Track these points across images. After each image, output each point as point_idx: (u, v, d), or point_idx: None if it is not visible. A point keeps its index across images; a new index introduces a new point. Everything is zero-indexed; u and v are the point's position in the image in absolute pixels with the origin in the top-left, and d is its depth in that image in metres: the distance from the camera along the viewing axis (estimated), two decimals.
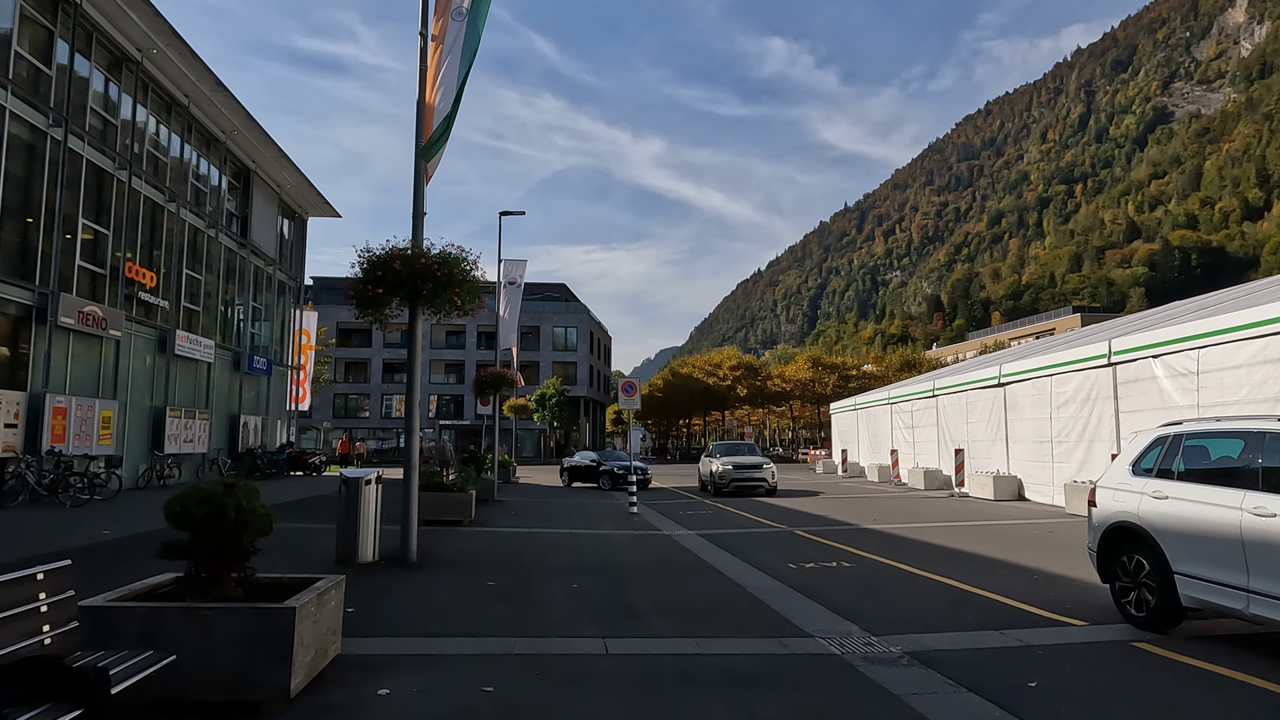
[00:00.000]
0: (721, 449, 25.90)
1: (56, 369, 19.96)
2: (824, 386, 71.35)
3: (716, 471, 23.73)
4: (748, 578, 9.58)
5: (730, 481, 23.24)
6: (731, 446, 26.34)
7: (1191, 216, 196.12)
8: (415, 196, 10.84)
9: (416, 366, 10.64)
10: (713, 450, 26.17)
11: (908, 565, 10.39)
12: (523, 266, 28.82)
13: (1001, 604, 7.88)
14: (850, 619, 7.28)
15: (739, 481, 23.28)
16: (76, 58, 20.91)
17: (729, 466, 23.46)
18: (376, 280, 9.89)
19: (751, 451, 25.67)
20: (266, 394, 34.15)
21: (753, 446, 26.86)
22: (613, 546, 12.47)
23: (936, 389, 25.90)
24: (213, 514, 4.65)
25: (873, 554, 11.50)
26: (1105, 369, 16.76)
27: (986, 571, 9.83)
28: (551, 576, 9.47)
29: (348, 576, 9.15)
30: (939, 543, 12.73)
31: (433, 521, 14.74)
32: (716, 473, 23.72)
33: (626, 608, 7.73)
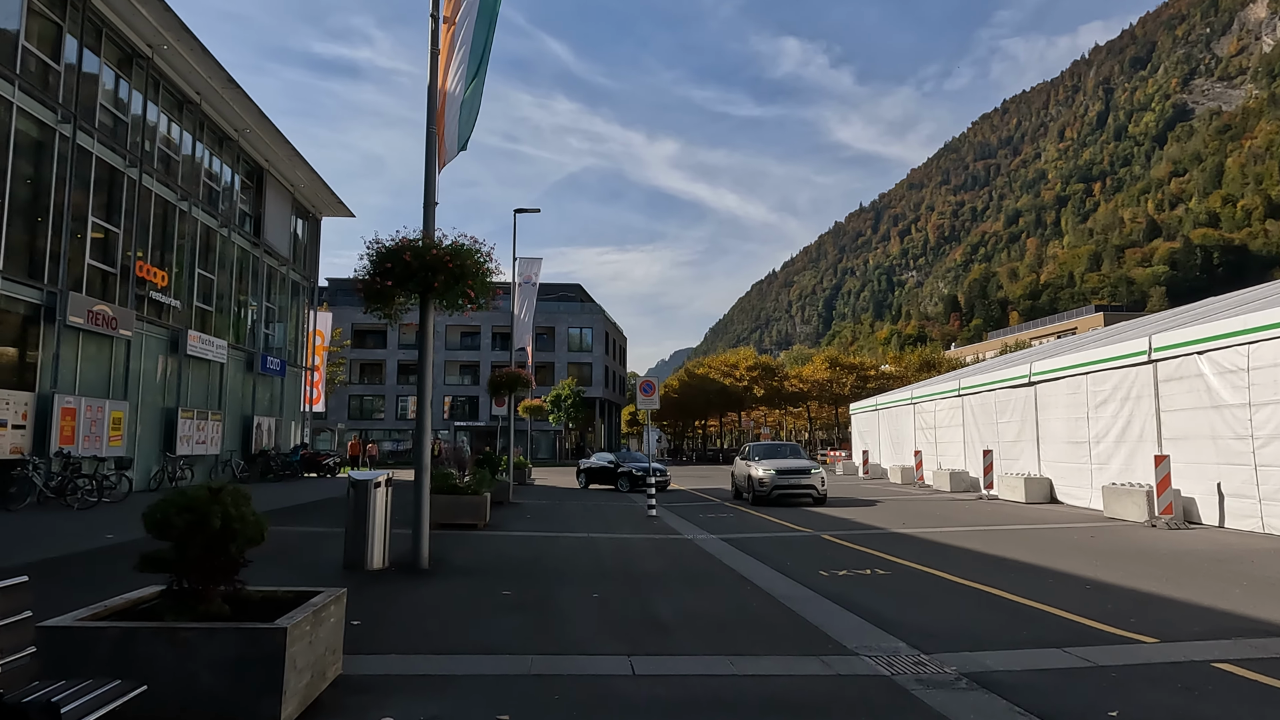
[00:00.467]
0: (761, 451, 22.78)
1: (66, 369, 19.64)
2: (842, 387, 70.57)
3: (757, 477, 20.66)
4: (777, 586, 9.02)
5: (773, 489, 20.21)
6: (772, 448, 23.26)
7: (1213, 214, 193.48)
8: (427, 185, 10.35)
9: (428, 363, 10.13)
10: (750, 452, 22.80)
11: (947, 573, 9.80)
12: (538, 264, 28.35)
13: (1057, 617, 7.28)
14: (895, 633, 6.71)
15: (784, 489, 20.24)
16: (86, 54, 20.62)
17: (772, 471, 20.41)
18: (386, 272, 9.42)
19: (795, 454, 22.54)
20: (280, 395, 33.85)
21: (796, 448, 23.38)
22: (633, 552, 11.94)
23: (962, 388, 25.20)
24: (196, 522, 4.15)
25: (907, 560, 10.91)
26: (1145, 366, 16.07)
27: (1032, 580, 9.23)
28: (570, 585, 8.95)
29: (354, 585, 8.70)
30: (975, 548, 12.12)
31: (446, 525, 14.29)
32: (757, 478, 20.64)
33: (651, 620, 7.19)
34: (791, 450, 22.95)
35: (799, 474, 20.39)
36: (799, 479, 20.34)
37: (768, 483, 20.36)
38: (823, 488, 20.42)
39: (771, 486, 20.27)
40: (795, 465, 20.77)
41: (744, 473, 21.95)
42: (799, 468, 20.62)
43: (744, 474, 21.93)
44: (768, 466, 20.65)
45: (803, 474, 20.42)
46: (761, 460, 21.42)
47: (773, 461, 21.08)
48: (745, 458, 22.60)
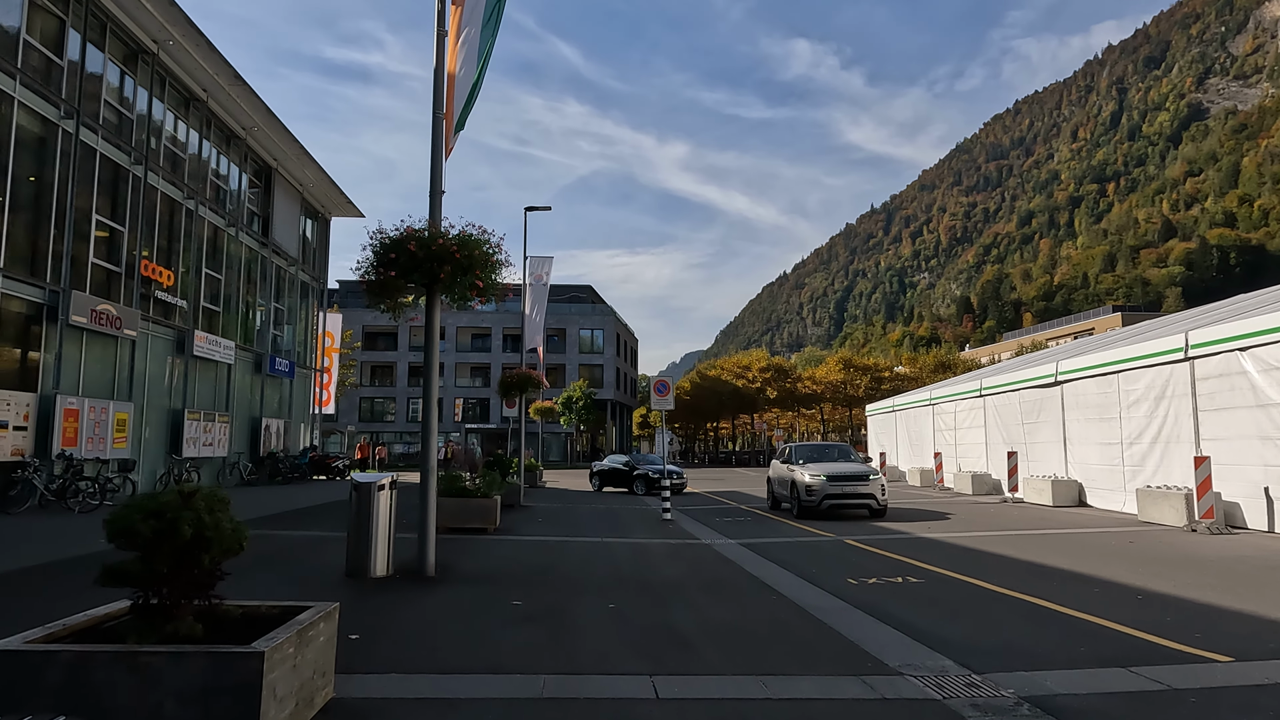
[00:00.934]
0: (805, 453, 19.51)
1: (68, 369, 19.26)
2: (856, 388, 69.82)
3: (804, 484, 17.31)
4: (805, 596, 8.47)
5: (824, 499, 16.99)
6: (818, 449, 20.17)
7: (1229, 214, 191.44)
8: (433, 173, 9.86)
9: (434, 360, 9.64)
10: (792, 455, 19.39)
11: (984, 581, 9.22)
12: (548, 263, 27.85)
13: (1113, 631, 6.70)
14: (939, 650, 6.15)
15: (837, 499, 17.02)
16: (89, 49, 20.26)
17: (821, 478, 17.13)
18: (389, 263, 8.93)
19: (846, 456, 19.37)
20: (289, 397, 33.47)
21: (847, 449, 20.25)
22: (649, 558, 11.41)
23: (984, 389, 24.56)
24: (164, 530, 3.65)
25: (939, 567, 10.33)
26: (1181, 364, 15.43)
27: (1077, 589, 8.64)
28: (585, 594, 8.43)
29: (355, 594, 8.19)
30: (1009, 554, 11.53)
31: (455, 530, 13.81)
32: (804, 485, 17.30)
33: (673, 634, 6.65)
34: (841, 452, 19.76)
35: (854, 481, 17.22)
36: (855, 487, 17.15)
37: (817, 491, 17.06)
38: (883, 498, 17.14)
39: (822, 496, 16.98)
40: (849, 470, 17.59)
41: (785, 479, 18.74)
42: (854, 473, 17.45)
43: (785, 480, 18.74)
44: (816, 472, 17.43)
45: (859, 481, 17.22)
46: (807, 464, 18.18)
47: (821, 466, 17.91)
48: (786, 461, 19.26)
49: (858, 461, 19.08)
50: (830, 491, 17.01)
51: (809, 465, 18.02)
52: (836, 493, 17.02)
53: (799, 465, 18.24)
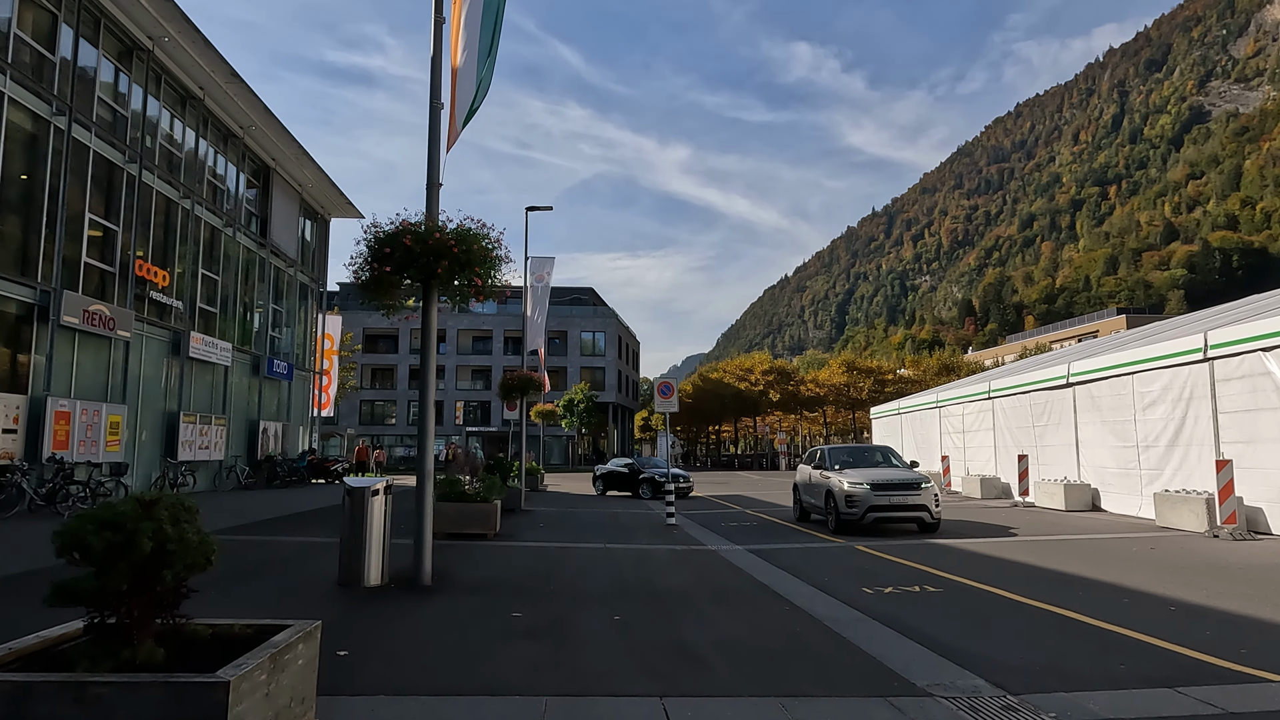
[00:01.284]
0: (841, 456, 16.79)
1: (60, 371, 18.88)
2: (859, 391, 69.42)
3: (844, 493, 14.71)
4: (818, 606, 8.06)
5: (867, 511, 14.38)
6: (856, 452, 17.62)
7: (1232, 217, 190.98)
8: (430, 165, 9.47)
9: (432, 358, 9.24)
10: (825, 458, 16.62)
11: (1005, 590, 8.81)
12: (550, 264, 27.47)
13: (1152, 646, 6.29)
14: (968, 666, 5.75)
15: (883, 511, 14.40)
16: (82, 44, 19.93)
17: (865, 486, 14.55)
18: (384, 258, 8.55)
19: (888, 460, 16.78)
20: (287, 399, 33.09)
21: (890, 452, 17.46)
22: (654, 565, 11.00)
23: (992, 390, 24.14)
24: (120, 544, 3.26)
25: (956, 574, 9.92)
26: (1200, 365, 15.01)
27: (1104, 599, 8.23)
28: (588, 604, 8.02)
29: (346, 605, 7.78)
30: (1027, 560, 11.11)
31: (453, 535, 13.42)
32: (844, 494, 14.71)
33: (683, 649, 6.24)
34: (884, 455, 17.13)
35: (904, 490, 14.49)
36: (904, 497, 14.43)
37: (859, 501, 14.47)
38: (936, 510, 14.53)
39: (865, 507, 14.40)
40: (896, 478, 14.82)
41: (818, 486, 16.13)
42: (902, 481, 14.68)
43: (818, 488, 16.13)
44: (857, 479, 14.80)
45: (909, 490, 14.51)
46: (845, 469, 15.61)
47: (863, 472, 15.28)
48: (819, 465, 16.53)
49: (904, 467, 16.35)
50: (875, 503, 14.36)
51: (848, 471, 15.36)
52: (883, 504, 14.36)
53: (835, 471, 15.57)
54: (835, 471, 15.61)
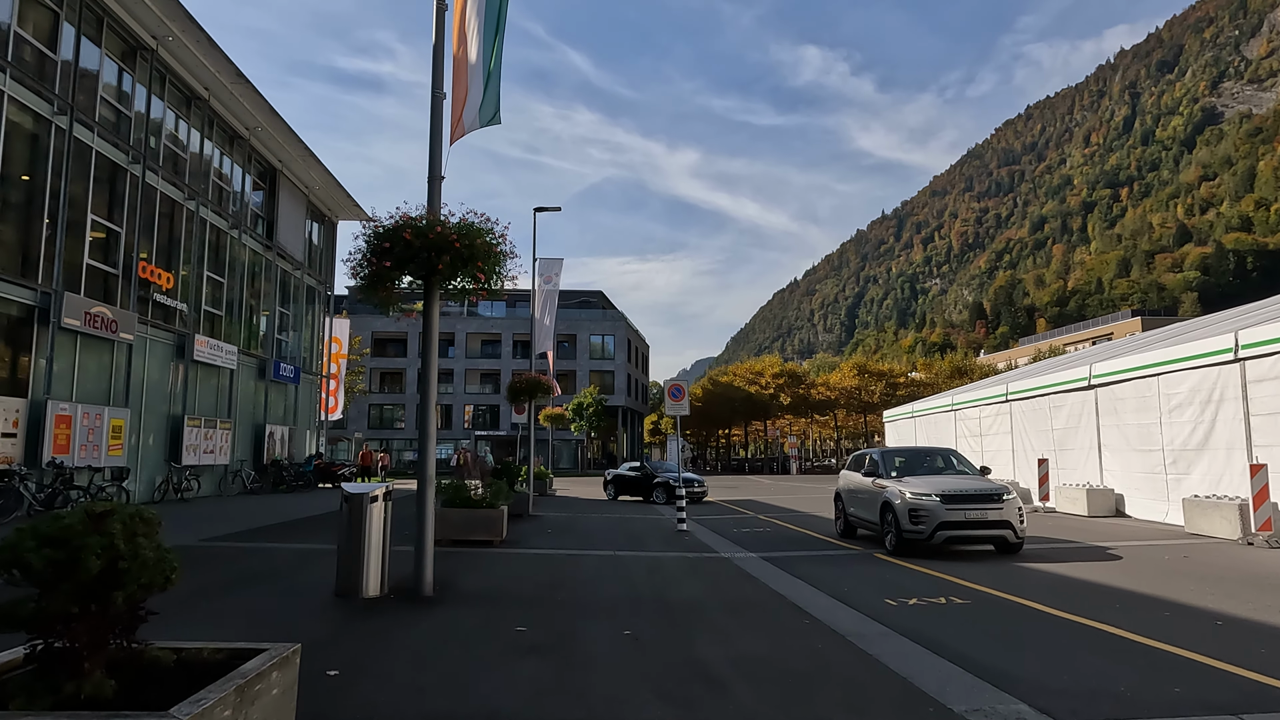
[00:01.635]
0: (897, 460, 14.08)
1: (61, 374, 18.58)
2: (870, 395, 68.83)
3: (907, 506, 12.05)
4: (842, 620, 7.62)
5: (937, 528, 11.73)
6: (915, 456, 14.65)
7: (1245, 219, 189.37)
8: (432, 157, 9.09)
9: (433, 358, 8.85)
10: (877, 464, 13.95)
11: (1036, 602, 8.35)
12: (558, 265, 27.09)
13: (1207, 667, 5.83)
14: (1007, 689, 5.30)
15: (958, 528, 11.81)
16: (85, 43, 19.65)
17: (932, 497, 11.90)
18: (383, 253, 8.17)
19: (954, 465, 14.00)
20: (294, 403, 32.79)
21: (954, 455, 14.47)
22: (666, 574, 10.57)
23: (1010, 393, 23.62)
24: (64, 561, 2.86)
25: (983, 585, 9.46)
26: (1231, 365, 14.51)
27: (1145, 613, 7.77)
28: (597, 617, 7.60)
29: (342, 618, 7.32)
30: (1056, 570, 10.63)
31: (459, 542, 13.04)
32: (905, 508, 12.05)
33: (699, 669, 5.81)
34: (947, 459, 14.28)
35: (981, 503, 11.88)
36: (983, 511, 11.82)
37: (928, 516, 11.79)
38: (1022, 526, 12.02)
39: (934, 524, 11.73)
40: (970, 487, 12.15)
41: (869, 496, 13.51)
42: (979, 491, 12.04)
43: (869, 499, 13.50)
44: (922, 489, 12.16)
45: (988, 503, 11.89)
46: (905, 477, 13.04)
47: (927, 480, 12.69)
48: (871, 472, 13.87)
49: (974, 473, 13.59)
50: (947, 518, 11.72)
51: (909, 479, 12.75)
52: (956, 520, 11.75)
53: (892, 479, 12.99)
54: (893, 479, 12.95)
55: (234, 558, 11.33)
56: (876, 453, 14.59)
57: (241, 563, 10.88)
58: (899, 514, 12.23)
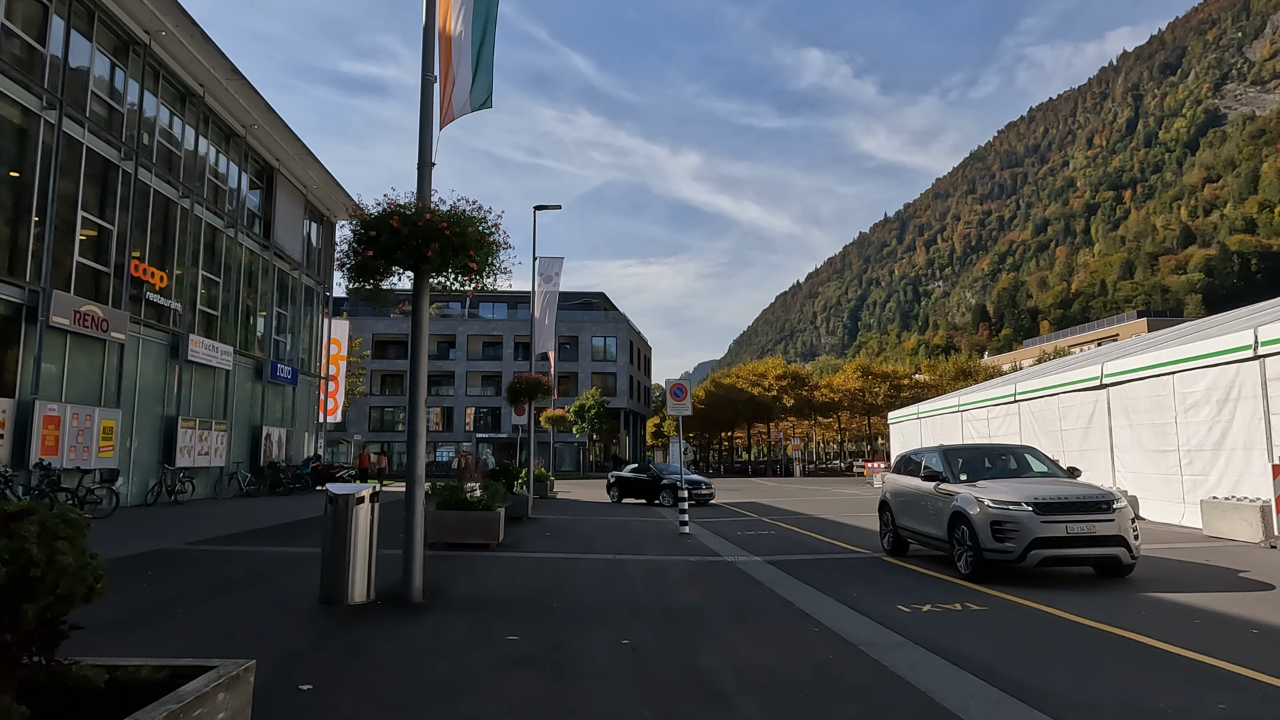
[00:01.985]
0: (965, 459, 11.54)
1: (50, 374, 18.21)
2: (874, 396, 68.37)
3: (988, 517, 9.53)
4: (852, 628, 7.19)
5: (1030, 546, 9.22)
6: (985, 454, 12.16)
7: (1250, 220, 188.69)
8: (422, 141, 8.70)
9: (422, 351, 8.45)
10: (939, 464, 11.38)
11: (1056, 608, 7.93)
12: (559, 264, 26.71)
13: (1249, 680, 5.39)
14: (1036, 705, 4.87)
15: (1059, 546, 9.29)
16: (75, 37, 19.30)
17: (1022, 508, 9.36)
18: (369, 242, 7.78)
19: (1036, 468, 11.39)
20: (292, 405, 32.42)
21: (1032, 454, 11.82)
22: (667, 579, 10.15)
23: (1018, 393, 23.18)
24: None
25: (999, 590, 9.03)
26: (1250, 363, 14.07)
27: (1174, 619, 7.33)
28: (594, 625, 7.18)
29: (323, 627, 6.83)
30: (1073, 571, 10.19)
31: (454, 545, 12.65)
32: (987, 519, 9.53)
33: (701, 682, 5.40)
34: (1020, 458, 11.69)
35: (1086, 514, 9.30)
36: (1090, 523, 9.23)
37: (1018, 530, 9.22)
38: (1136, 543, 9.50)
39: (1027, 540, 9.16)
40: (1069, 494, 9.60)
41: (932, 506, 10.91)
42: (1081, 498, 9.49)
43: (932, 508, 10.89)
44: (1005, 494, 9.64)
45: (1094, 513, 9.32)
46: (979, 480, 10.46)
47: (1011, 485, 10.09)
48: (932, 476, 11.17)
49: (1062, 474, 11.04)
50: (1044, 533, 9.11)
51: (985, 484, 10.20)
52: (1056, 536, 9.13)
53: (962, 483, 10.49)
54: (963, 484, 10.45)
55: (219, 562, 10.94)
56: (937, 452, 11.84)
57: (226, 567, 10.48)
58: (977, 528, 9.56)
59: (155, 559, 11.05)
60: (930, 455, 11.95)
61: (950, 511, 10.29)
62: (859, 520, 19.03)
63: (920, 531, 11.47)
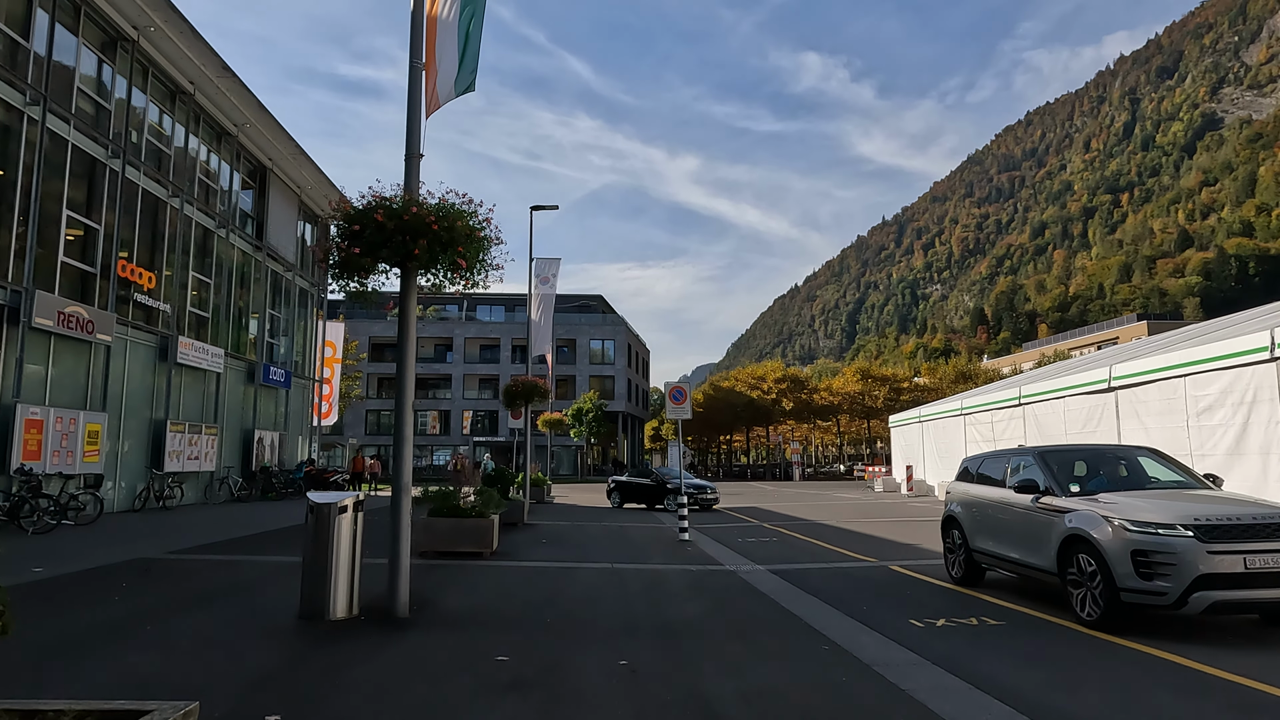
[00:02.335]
0: (1074, 465, 9.09)
1: (32, 376, 17.76)
2: (874, 399, 67.99)
3: (1127, 546, 7.12)
4: (865, 645, 6.76)
5: (1193, 585, 6.74)
6: (1097, 458, 9.36)
7: (1247, 224, 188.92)
8: (409, 132, 8.29)
9: (409, 350, 8.03)
10: (1037, 471, 8.88)
11: (1079, 624, 7.52)
12: (555, 265, 26.30)
13: None
14: None
15: (1237, 586, 6.70)
16: (60, 31, 18.86)
17: (1175, 530, 6.94)
18: (353, 237, 7.35)
19: (1164, 476, 8.88)
20: (285, 408, 31.95)
21: (1154, 457, 9.32)
22: (667, 590, 9.71)
23: (1023, 396, 22.79)
24: None
25: (1015, 603, 8.64)
26: (1266, 365, 13.69)
27: (1211, 636, 6.93)
28: (589, 643, 6.74)
29: (302, 645, 6.22)
30: None
31: (445, 554, 12.23)
32: (1124, 550, 7.13)
33: (705, 709, 4.96)
34: (1136, 466, 9.16)
35: (1269, 539, 6.84)
36: (1273, 552, 6.77)
37: (1175, 563, 6.86)
38: None
39: (1189, 578, 6.80)
40: (1244, 513, 7.11)
41: (1032, 526, 8.52)
42: (1261, 518, 7.01)
43: (1032, 529, 8.51)
44: (1150, 512, 7.30)
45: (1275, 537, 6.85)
46: (1102, 495, 8.05)
47: (1149, 500, 7.72)
48: (1028, 487, 8.71)
49: (1201, 484, 8.65)
50: (1214, 568, 6.76)
51: (1110, 497, 7.87)
52: (1234, 572, 6.74)
53: (1075, 496, 8.15)
54: (1078, 498, 8.06)
55: (199, 572, 10.49)
56: (1031, 455, 9.24)
57: (205, 578, 10.04)
58: (1110, 558, 7.20)
59: (132, 569, 10.60)
60: (1021, 459, 9.41)
61: (1062, 535, 7.84)
62: (864, 527, 18.64)
63: (1009, 558, 8.94)
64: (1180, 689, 5.47)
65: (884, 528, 18.28)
